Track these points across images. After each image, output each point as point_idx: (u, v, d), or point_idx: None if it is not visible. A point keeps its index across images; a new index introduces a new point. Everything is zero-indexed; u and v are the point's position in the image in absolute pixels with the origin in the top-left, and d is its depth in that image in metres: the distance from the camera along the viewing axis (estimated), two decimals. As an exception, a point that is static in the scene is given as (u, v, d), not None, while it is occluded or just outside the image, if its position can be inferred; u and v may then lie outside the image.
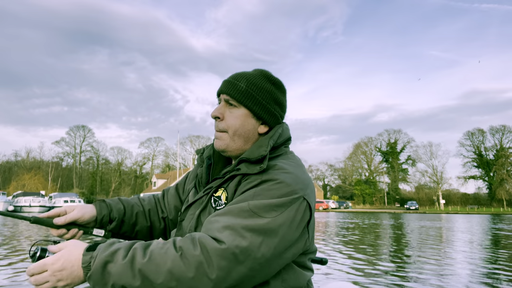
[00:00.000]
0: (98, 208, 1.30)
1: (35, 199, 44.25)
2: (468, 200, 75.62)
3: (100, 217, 1.29)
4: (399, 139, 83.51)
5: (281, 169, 1.08)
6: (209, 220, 1.00)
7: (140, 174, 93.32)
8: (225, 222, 0.94)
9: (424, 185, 79.14)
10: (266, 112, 1.17)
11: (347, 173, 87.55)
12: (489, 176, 74.23)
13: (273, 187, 1.01)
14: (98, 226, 1.30)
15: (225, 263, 0.88)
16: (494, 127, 74.30)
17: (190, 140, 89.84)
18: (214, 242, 0.90)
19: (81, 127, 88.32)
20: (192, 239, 0.92)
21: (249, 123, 1.17)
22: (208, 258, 0.88)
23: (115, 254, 0.92)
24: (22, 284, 4.13)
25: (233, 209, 0.98)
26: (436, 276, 4.71)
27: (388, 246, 8.35)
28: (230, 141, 1.17)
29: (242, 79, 1.17)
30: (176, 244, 0.92)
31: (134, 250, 0.92)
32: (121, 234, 1.36)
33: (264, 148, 1.11)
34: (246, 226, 0.93)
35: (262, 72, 1.21)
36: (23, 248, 7.30)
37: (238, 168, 1.12)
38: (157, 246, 0.93)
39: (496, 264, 5.81)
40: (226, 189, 1.13)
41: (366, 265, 5.57)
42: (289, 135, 1.25)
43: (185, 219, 1.23)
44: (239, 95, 1.15)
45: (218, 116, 1.18)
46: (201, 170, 1.29)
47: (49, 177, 77.41)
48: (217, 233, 0.92)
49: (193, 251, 0.89)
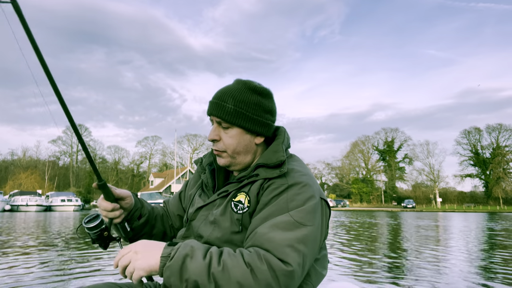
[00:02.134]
0: (135, 199, 1.33)
1: (32, 198, 44.07)
2: (464, 198, 75.97)
3: (134, 209, 1.32)
4: (396, 137, 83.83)
5: (299, 171, 1.16)
6: (256, 232, 1.05)
7: (137, 173, 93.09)
8: (281, 240, 1.00)
9: (421, 184, 79.44)
10: (258, 125, 1.20)
11: (344, 171, 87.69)
12: (486, 174, 74.54)
13: (300, 191, 1.09)
14: (129, 218, 1.32)
15: (290, 282, 0.97)
16: (491, 126, 74.69)
17: (188, 139, 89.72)
18: (280, 263, 0.97)
19: (78, 126, 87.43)
20: (259, 256, 0.98)
21: (245, 139, 1.21)
22: (275, 277, 0.95)
23: (195, 252, 0.99)
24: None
25: (279, 223, 1.04)
26: (436, 276, 4.72)
27: (387, 245, 8.36)
28: (231, 159, 1.23)
29: (228, 98, 1.18)
30: (244, 258, 0.98)
31: (211, 254, 0.99)
32: (140, 234, 1.37)
33: (281, 153, 1.18)
34: (298, 239, 1.01)
35: (246, 84, 1.21)
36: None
37: (257, 174, 1.17)
38: (229, 257, 0.98)
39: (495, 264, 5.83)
40: (247, 193, 1.16)
41: (366, 265, 5.58)
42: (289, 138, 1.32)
43: (196, 219, 1.26)
44: (229, 116, 1.17)
45: (215, 139, 1.22)
46: (205, 176, 1.34)
47: (46, 176, 77.06)
48: (280, 253, 0.98)
49: (261, 269, 0.95)
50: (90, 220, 1.16)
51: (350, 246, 7.97)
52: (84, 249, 7.05)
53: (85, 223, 1.15)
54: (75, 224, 15.99)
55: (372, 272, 4.94)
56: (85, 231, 1.20)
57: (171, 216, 1.48)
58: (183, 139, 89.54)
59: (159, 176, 76.70)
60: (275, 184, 1.12)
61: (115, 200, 1.24)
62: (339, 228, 13.68)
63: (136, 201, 1.34)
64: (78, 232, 1.48)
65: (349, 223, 17.66)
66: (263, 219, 1.07)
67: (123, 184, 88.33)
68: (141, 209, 1.35)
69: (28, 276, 4.50)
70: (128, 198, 1.28)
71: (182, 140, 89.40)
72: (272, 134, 1.29)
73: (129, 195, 1.28)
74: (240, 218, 1.14)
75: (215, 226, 1.18)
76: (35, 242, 8.36)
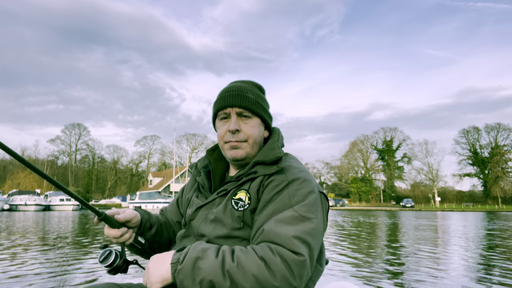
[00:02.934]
0: (141, 213, 1.34)
1: (30, 198, 43.99)
2: (463, 197, 76.08)
3: (144, 221, 1.33)
4: (395, 137, 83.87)
5: (297, 168, 1.21)
6: (264, 229, 1.07)
7: (136, 172, 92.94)
8: (289, 233, 1.03)
9: (420, 183, 79.50)
10: (270, 119, 1.33)
11: (343, 171, 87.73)
12: (484, 173, 74.64)
13: (301, 186, 1.14)
14: (140, 232, 1.32)
15: (303, 271, 1.00)
16: (489, 125, 74.78)
17: (187, 138, 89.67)
18: (292, 254, 1.00)
19: (77, 125, 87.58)
20: (271, 250, 1.01)
21: (261, 131, 1.29)
22: (288, 268, 0.98)
23: (206, 252, 1.01)
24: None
25: (284, 218, 1.07)
26: (434, 276, 4.73)
27: (387, 245, 8.37)
28: (250, 149, 1.26)
29: (246, 91, 1.26)
30: (257, 253, 1.01)
31: (223, 252, 1.02)
32: (154, 243, 1.37)
33: (277, 150, 1.24)
34: (305, 232, 1.05)
35: (251, 82, 1.34)
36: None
37: (255, 171, 1.21)
38: (241, 254, 1.01)
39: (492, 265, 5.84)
40: (247, 191, 1.19)
41: (366, 265, 5.58)
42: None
43: (195, 219, 1.29)
44: (252, 105, 1.25)
45: (238, 129, 1.24)
46: (200, 178, 1.37)
47: (45, 176, 76.78)
48: (290, 245, 1.02)
49: (275, 261, 0.98)
50: (105, 258, 1.16)
51: (348, 245, 7.98)
52: (83, 249, 7.05)
53: (101, 262, 1.16)
54: (75, 225, 15.96)
55: (371, 272, 4.95)
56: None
57: (172, 224, 1.49)
58: (182, 139, 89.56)
59: (158, 175, 76.61)
60: (275, 181, 1.16)
61: (122, 225, 1.22)
62: (337, 227, 13.69)
63: (143, 214, 1.34)
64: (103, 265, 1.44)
65: (348, 222, 17.66)
66: (268, 216, 1.10)
67: (122, 183, 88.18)
68: (149, 219, 1.36)
69: (25, 277, 4.50)
70: (134, 218, 1.27)
71: (181, 139, 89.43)
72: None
73: (133, 216, 1.27)
74: (241, 215, 1.17)
75: (216, 224, 1.20)
76: (35, 241, 8.35)
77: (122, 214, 1.23)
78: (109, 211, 1.20)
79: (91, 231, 11.53)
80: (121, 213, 1.24)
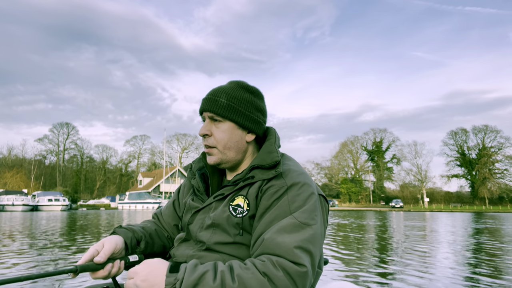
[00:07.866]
0: (122, 233, 1.25)
1: (18, 198, 43.37)
2: (451, 198, 77.16)
3: (128, 241, 1.24)
4: (384, 138, 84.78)
5: (296, 171, 1.17)
6: (264, 239, 1.04)
7: (126, 172, 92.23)
8: (290, 243, 1.00)
9: (409, 184, 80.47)
10: (250, 121, 1.22)
11: (333, 171, 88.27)
12: (472, 174, 75.82)
13: (300, 191, 1.10)
14: (130, 252, 1.24)
15: (306, 282, 0.98)
16: (477, 127, 76.03)
17: (177, 138, 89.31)
18: (294, 266, 0.97)
19: (65, 125, 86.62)
20: (272, 264, 0.97)
21: (236, 135, 1.21)
22: (292, 281, 0.95)
23: (204, 277, 0.94)
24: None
25: (285, 227, 1.04)
26: (433, 275, 4.75)
27: (385, 245, 8.41)
28: (221, 155, 1.22)
29: (221, 94, 1.20)
30: (259, 269, 0.96)
31: (222, 273, 0.95)
32: (146, 255, 1.31)
33: (275, 154, 1.18)
34: (305, 240, 1.02)
35: (238, 83, 1.25)
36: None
37: (252, 176, 1.17)
38: (242, 270, 0.96)
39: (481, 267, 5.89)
40: (246, 196, 1.15)
41: (365, 264, 5.59)
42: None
43: (193, 223, 1.25)
44: (222, 110, 1.18)
45: (207, 134, 1.21)
46: (195, 181, 1.33)
47: (32, 175, 75.80)
48: (292, 256, 0.98)
49: (278, 275, 0.95)
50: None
51: (345, 245, 7.99)
52: (82, 248, 6.93)
53: None
54: (63, 226, 15.75)
55: (370, 271, 4.95)
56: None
57: (167, 228, 1.44)
58: (173, 139, 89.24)
59: (148, 175, 76.09)
60: (274, 187, 1.12)
61: (105, 263, 1.12)
62: (331, 228, 13.72)
63: (125, 234, 1.25)
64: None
65: (339, 224, 17.72)
66: (267, 224, 1.07)
67: (111, 183, 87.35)
68: (134, 236, 1.27)
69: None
70: (116, 248, 1.16)
71: (171, 139, 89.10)
72: (263, 135, 1.29)
73: (114, 246, 1.15)
74: (240, 222, 1.13)
75: (214, 230, 1.18)
76: (28, 242, 8.20)
77: (101, 252, 1.12)
78: (86, 256, 1.10)
79: (79, 230, 11.36)
80: (100, 249, 1.13)
